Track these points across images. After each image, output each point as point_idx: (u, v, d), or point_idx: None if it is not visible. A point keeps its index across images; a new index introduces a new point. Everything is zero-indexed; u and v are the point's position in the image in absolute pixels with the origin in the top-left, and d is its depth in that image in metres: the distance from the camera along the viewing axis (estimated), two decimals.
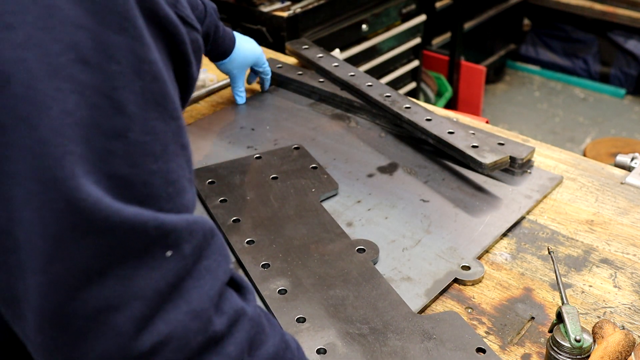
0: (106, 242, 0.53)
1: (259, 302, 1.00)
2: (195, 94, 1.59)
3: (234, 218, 1.15)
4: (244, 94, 1.55)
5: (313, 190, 1.23)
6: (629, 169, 1.33)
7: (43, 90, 0.51)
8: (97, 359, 0.55)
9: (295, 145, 1.36)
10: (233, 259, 0.65)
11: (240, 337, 0.63)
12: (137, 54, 0.56)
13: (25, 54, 0.51)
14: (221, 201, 1.19)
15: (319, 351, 0.90)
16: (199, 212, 1.20)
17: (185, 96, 0.67)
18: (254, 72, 1.58)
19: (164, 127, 0.57)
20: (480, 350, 0.90)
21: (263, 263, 1.05)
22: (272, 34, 2.19)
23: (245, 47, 1.49)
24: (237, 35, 1.48)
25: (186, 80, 0.66)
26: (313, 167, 1.30)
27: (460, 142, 1.27)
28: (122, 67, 0.55)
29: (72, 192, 0.52)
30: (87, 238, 0.53)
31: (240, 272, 1.06)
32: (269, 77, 1.59)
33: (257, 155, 1.33)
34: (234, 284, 0.67)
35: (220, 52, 1.44)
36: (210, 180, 1.25)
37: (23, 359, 0.64)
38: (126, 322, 0.55)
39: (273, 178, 1.26)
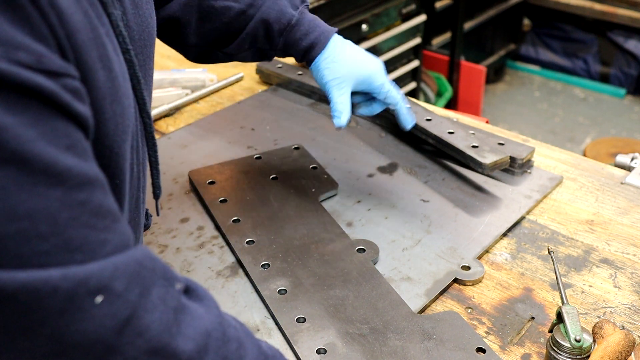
0: (13, 309, 0.50)
1: (259, 303, 1.00)
2: (196, 94, 1.59)
3: (234, 218, 1.15)
4: (340, 115, 1.08)
5: (313, 190, 1.23)
6: (629, 169, 1.33)
7: None
8: None
9: (295, 146, 1.36)
10: (179, 277, 0.62)
11: (213, 358, 0.60)
12: None
13: None
14: (221, 201, 1.20)
15: (319, 351, 0.90)
16: (199, 213, 1.20)
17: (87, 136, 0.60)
18: (375, 99, 1.15)
19: (42, 203, 0.51)
20: (481, 350, 0.90)
21: (263, 263, 1.05)
22: None
23: (350, 55, 1.10)
24: (345, 43, 1.12)
25: (80, 125, 0.58)
26: (313, 167, 1.30)
27: (460, 142, 1.27)
28: None
29: None
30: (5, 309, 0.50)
31: (240, 272, 1.06)
32: (399, 106, 1.14)
33: (257, 156, 1.33)
34: (195, 296, 0.63)
35: (299, 49, 1.11)
36: (210, 180, 1.25)
37: None
38: None
39: (273, 178, 1.26)
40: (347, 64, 1.09)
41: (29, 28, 0.52)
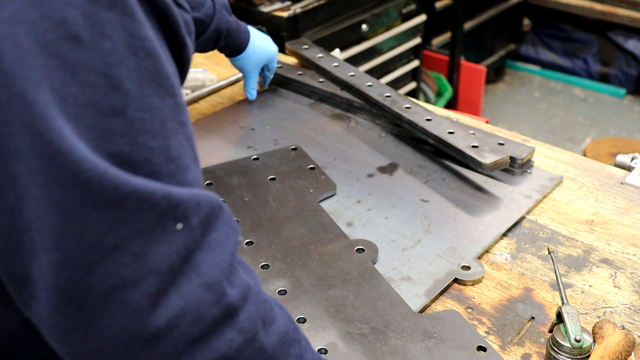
0: (117, 215, 0.53)
1: None
2: (195, 94, 1.59)
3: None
4: (255, 91, 1.55)
5: (311, 190, 1.23)
6: (629, 169, 1.33)
7: (34, 65, 0.51)
8: (113, 335, 0.55)
9: (293, 146, 1.36)
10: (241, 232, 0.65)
11: (252, 310, 0.63)
12: (129, 30, 0.55)
13: (14, 29, 0.51)
14: None
15: (320, 351, 0.90)
16: None
17: (182, 76, 0.67)
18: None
19: (160, 104, 0.57)
20: (481, 348, 0.90)
21: (262, 264, 1.05)
22: (272, 34, 2.19)
23: (260, 44, 1.49)
24: (253, 32, 1.48)
25: (181, 60, 0.65)
26: (311, 168, 1.30)
27: (460, 142, 1.27)
28: (115, 43, 0.54)
29: (77, 165, 0.51)
30: (97, 211, 0.53)
31: None
32: (271, 76, 1.59)
33: (255, 157, 1.33)
34: (239, 262, 0.67)
35: (234, 47, 1.44)
36: (208, 181, 1.25)
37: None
38: (141, 298, 0.55)
39: (271, 179, 1.26)
40: (260, 53, 1.50)
41: None
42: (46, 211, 0.52)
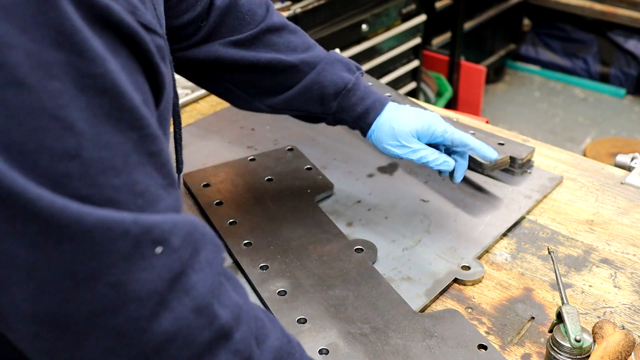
0: (87, 247, 0.52)
1: (259, 305, 1.00)
2: (196, 94, 1.59)
3: (231, 220, 1.15)
4: (445, 162, 1.06)
5: (309, 191, 1.23)
6: (629, 169, 1.33)
7: None
8: (101, 357, 0.54)
9: (289, 147, 1.36)
10: (225, 252, 0.65)
11: (246, 330, 0.62)
12: (78, 68, 0.52)
13: None
14: (217, 204, 1.19)
15: (321, 352, 0.90)
16: (198, 213, 1.20)
17: (158, 102, 0.64)
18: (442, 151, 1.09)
19: (121, 139, 0.54)
20: (482, 347, 0.90)
21: (261, 265, 1.05)
22: None
23: (406, 115, 1.06)
24: (399, 107, 1.07)
25: (156, 87, 0.62)
26: (307, 169, 1.30)
27: None
28: (64, 84, 0.51)
29: (33, 203, 0.50)
30: (64, 244, 0.51)
31: (239, 273, 1.06)
32: (471, 144, 1.08)
33: (251, 157, 1.33)
34: (228, 278, 0.66)
35: (350, 116, 1.08)
36: (205, 183, 1.25)
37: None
38: (125, 323, 0.54)
39: (268, 180, 1.26)
40: (404, 122, 1.04)
41: None
42: (12, 246, 0.51)
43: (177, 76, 1.64)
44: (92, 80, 0.53)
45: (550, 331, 0.88)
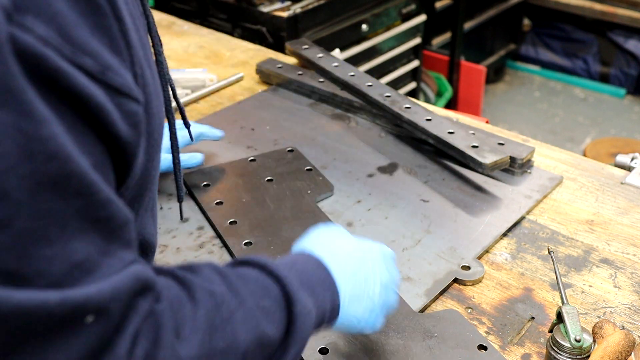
0: (2, 330, 0.48)
1: None
2: (196, 94, 1.59)
3: (231, 220, 1.15)
4: None
5: (309, 192, 1.23)
6: (629, 169, 1.33)
7: None
8: None
9: (289, 148, 1.36)
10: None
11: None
12: (24, 131, 0.47)
13: None
14: (217, 203, 1.19)
15: (321, 351, 0.90)
16: (199, 213, 1.20)
17: (128, 170, 0.59)
18: None
19: (63, 207, 0.50)
20: (482, 347, 0.90)
21: None
22: (272, 34, 2.19)
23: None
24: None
25: (122, 151, 0.57)
26: (308, 169, 1.30)
27: (460, 142, 1.27)
28: (5, 148, 0.47)
29: None
30: None
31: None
32: None
33: (252, 158, 1.33)
34: (148, 290, 0.59)
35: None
36: (205, 183, 1.25)
37: None
38: None
39: (268, 180, 1.26)
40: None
41: (107, 38, 0.53)
42: None
43: (177, 75, 1.64)
44: (39, 143, 0.48)
45: (550, 331, 0.88)
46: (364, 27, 2.51)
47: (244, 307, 0.63)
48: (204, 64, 1.79)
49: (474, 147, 1.26)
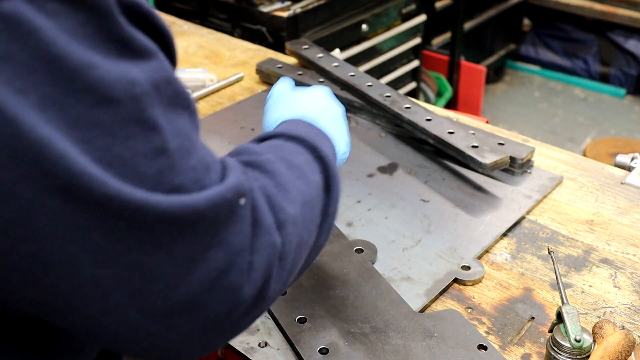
0: (199, 230, 0.56)
1: None
2: (196, 94, 1.59)
3: None
4: None
5: None
6: (629, 169, 1.33)
7: (69, 137, 0.51)
8: (215, 317, 0.58)
9: None
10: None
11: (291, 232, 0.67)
12: (147, 69, 0.56)
13: (45, 114, 0.50)
14: None
15: (321, 351, 0.90)
16: None
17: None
18: None
19: (183, 122, 0.58)
20: (482, 347, 0.90)
21: None
22: (272, 34, 2.19)
23: None
24: None
25: (173, 62, 0.65)
26: None
27: (460, 142, 1.27)
28: (142, 87, 0.55)
29: (146, 211, 0.53)
30: (182, 236, 0.55)
31: None
32: None
33: None
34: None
35: None
36: None
37: None
38: (237, 277, 0.58)
39: None
40: None
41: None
42: (137, 254, 0.53)
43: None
44: (157, 74, 0.56)
45: (550, 331, 0.88)
46: (364, 27, 2.51)
47: (295, 168, 0.73)
48: (204, 64, 1.79)
49: (474, 147, 1.26)
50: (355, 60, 2.49)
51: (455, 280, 1.05)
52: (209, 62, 1.80)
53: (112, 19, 0.54)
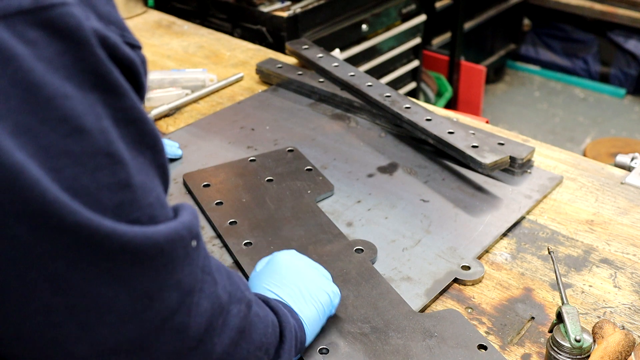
0: (158, 263, 0.58)
1: None
2: (196, 94, 1.59)
3: (231, 220, 1.15)
4: None
5: (309, 192, 1.23)
6: (629, 169, 1.33)
7: (42, 167, 0.51)
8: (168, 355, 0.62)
9: (290, 148, 1.36)
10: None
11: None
12: (113, 105, 0.56)
13: (19, 140, 0.50)
14: (217, 204, 1.19)
15: (321, 351, 0.90)
16: (199, 213, 1.20)
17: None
18: None
19: (145, 160, 0.60)
20: (482, 347, 0.90)
21: None
22: (272, 34, 2.19)
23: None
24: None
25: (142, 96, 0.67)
26: (308, 169, 1.29)
27: (460, 142, 1.27)
28: (109, 121, 0.56)
29: (110, 241, 0.54)
30: (142, 266, 0.57)
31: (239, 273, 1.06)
32: None
33: (252, 158, 1.33)
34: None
35: None
36: (205, 183, 1.25)
37: None
38: (185, 316, 0.61)
39: (268, 180, 1.26)
40: None
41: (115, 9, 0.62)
42: (96, 286, 0.55)
43: (177, 75, 1.64)
44: (122, 113, 0.57)
45: (550, 331, 0.88)
46: (364, 27, 2.51)
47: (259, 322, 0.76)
48: (204, 64, 1.79)
49: (474, 147, 1.26)
50: (355, 60, 2.49)
51: (455, 280, 1.05)
52: (209, 62, 1.80)
53: (90, 50, 0.54)
